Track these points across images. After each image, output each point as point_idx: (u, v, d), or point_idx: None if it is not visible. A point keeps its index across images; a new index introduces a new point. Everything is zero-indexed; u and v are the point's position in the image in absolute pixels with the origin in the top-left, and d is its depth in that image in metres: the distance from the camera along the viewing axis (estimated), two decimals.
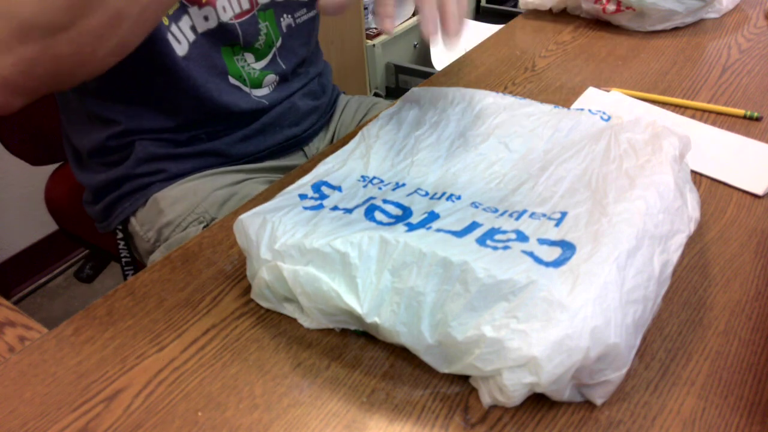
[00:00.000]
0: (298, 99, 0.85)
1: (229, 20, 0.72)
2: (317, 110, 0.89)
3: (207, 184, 0.78)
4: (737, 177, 0.62)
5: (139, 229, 0.81)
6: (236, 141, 0.80)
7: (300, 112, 0.85)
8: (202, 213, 0.76)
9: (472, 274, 0.41)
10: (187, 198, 0.77)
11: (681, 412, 0.42)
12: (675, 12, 0.91)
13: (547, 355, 0.38)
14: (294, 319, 0.50)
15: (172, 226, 0.77)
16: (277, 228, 0.47)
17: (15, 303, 0.82)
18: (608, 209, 0.45)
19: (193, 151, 0.79)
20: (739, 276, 0.52)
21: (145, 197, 0.79)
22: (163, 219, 0.77)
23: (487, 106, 0.62)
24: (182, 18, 0.70)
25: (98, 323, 0.51)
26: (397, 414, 0.43)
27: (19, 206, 1.64)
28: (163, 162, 0.78)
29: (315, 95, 0.89)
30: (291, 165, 0.85)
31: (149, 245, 0.80)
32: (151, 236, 0.79)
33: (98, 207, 0.83)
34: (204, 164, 0.80)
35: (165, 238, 0.78)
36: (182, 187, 0.78)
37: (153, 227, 0.79)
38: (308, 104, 0.86)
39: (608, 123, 0.57)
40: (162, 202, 0.78)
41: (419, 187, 0.52)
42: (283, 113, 0.82)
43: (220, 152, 0.80)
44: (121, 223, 0.82)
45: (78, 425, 0.43)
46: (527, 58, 0.88)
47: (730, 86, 0.78)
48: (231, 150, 0.80)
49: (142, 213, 0.80)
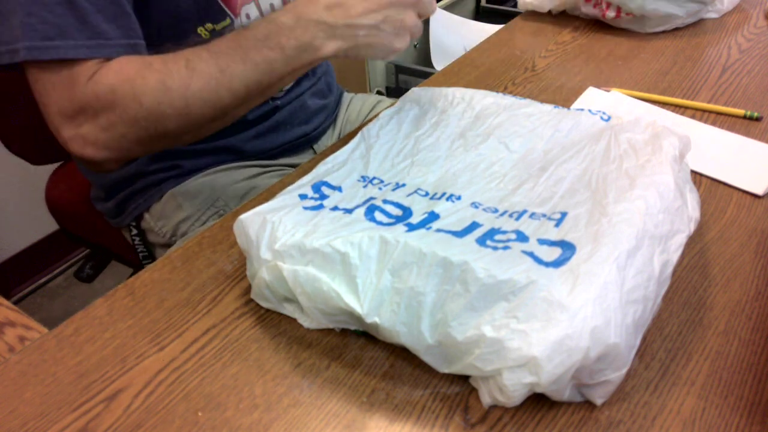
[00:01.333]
0: (308, 98, 0.85)
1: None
2: (325, 109, 0.89)
3: (224, 179, 0.79)
4: (737, 177, 0.62)
5: (153, 225, 0.81)
6: (250, 138, 0.80)
7: (309, 110, 0.86)
8: (222, 206, 0.76)
9: (472, 274, 0.41)
10: (205, 192, 0.78)
11: (681, 412, 0.42)
12: (675, 15, 0.91)
13: (547, 355, 0.38)
14: (294, 319, 0.50)
15: (191, 220, 0.77)
16: (277, 228, 0.47)
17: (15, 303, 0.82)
18: (608, 209, 0.45)
19: (207, 147, 0.79)
20: (739, 276, 0.52)
21: (160, 193, 0.79)
22: (182, 214, 0.78)
23: (487, 106, 0.62)
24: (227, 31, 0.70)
25: (98, 323, 0.51)
26: (397, 414, 0.43)
27: (19, 206, 1.64)
28: (178, 159, 0.78)
29: (322, 94, 0.89)
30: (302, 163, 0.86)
31: (164, 240, 0.80)
32: (166, 231, 0.80)
33: (110, 204, 0.83)
34: (218, 160, 0.80)
35: (183, 233, 0.78)
36: (199, 182, 0.79)
37: (169, 222, 0.79)
38: (317, 103, 0.87)
39: (608, 123, 0.57)
40: (179, 197, 0.78)
41: (419, 188, 0.52)
42: (294, 111, 0.83)
43: (235, 149, 0.80)
44: (134, 219, 0.83)
45: (78, 425, 0.43)
46: (527, 58, 0.88)
47: (730, 86, 0.78)
48: (245, 146, 0.80)
49: (156, 208, 0.80)
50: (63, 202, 1.07)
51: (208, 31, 0.69)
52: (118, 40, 0.59)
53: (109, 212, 0.85)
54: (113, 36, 0.59)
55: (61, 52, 0.56)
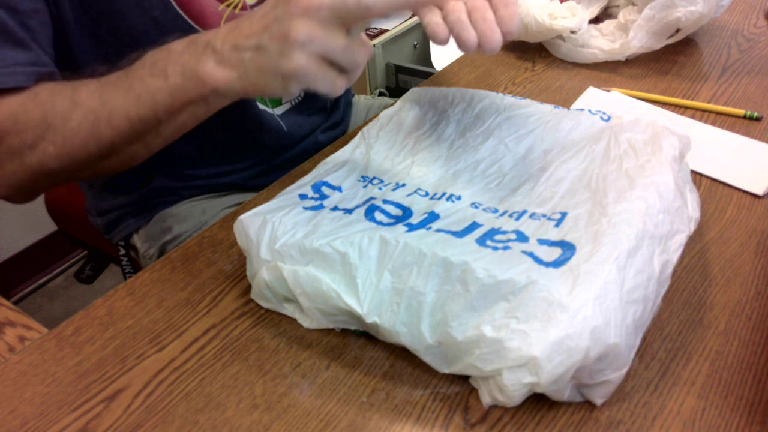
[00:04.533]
0: (320, 133, 0.82)
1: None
2: (336, 139, 0.87)
3: (216, 203, 0.77)
4: (737, 177, 0.62)
5: (140, 246, 0.80)
6: (256, 175, 0.78)
7: (322, 146, 0.82)
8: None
9: (472, 274, 0.41)
10: (195, 216, 0.76)
11: (681, 412, 0.42)
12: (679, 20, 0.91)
13: (547, 355, 0.38)
14: (294, 319, 0.50)
15: (177, 241, 0.76)
16: (277, 228, 0.47)
17: (15, 303, 0.82)
18: (608, 209, 0.45)
19: (210, 183, 0.77)
20: (739, 276, 0.52)
21: (150, 216, 0.78)
22: (168, 235, 0.76)
23: (487, 106, 0.62)
24: None
25: (98, 323, 0.51)
26: (397, 414, 0.43)
27: (19, 206, 1.64)
28: (178, 191, 0.77)
29: (334, 125, 0.85)
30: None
31: (150, 261, 0.79)
32: (152, 253, 0.79)
33: (100, 221, 0.82)
34: (216, 191, 0.78)
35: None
36: (190, 205, 0.77)
37: (155, 244, 0.78)
38: (329, 136, 0.83)
39: (608, 123, 0.57)
40: (169, 219, 0.77)
41: (419, 188, 0.52)
42: (306, 149, 0.79)
43: (238, 185, 0.78)
44: (122, 239, 0.82)
45: (78, 425, 0.43)
46: (527, 58, 0.88)
47: (730, 86, 0.78)
48: (248, 183, 0.78)
49: (145, 230, 0.79)
50: (63, 205, 1.07)
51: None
52: (15, 67, 0.53)
53: (99, 227, 0.84)
54: (10, 63, 0.53)
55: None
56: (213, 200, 0.78)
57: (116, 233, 0.82)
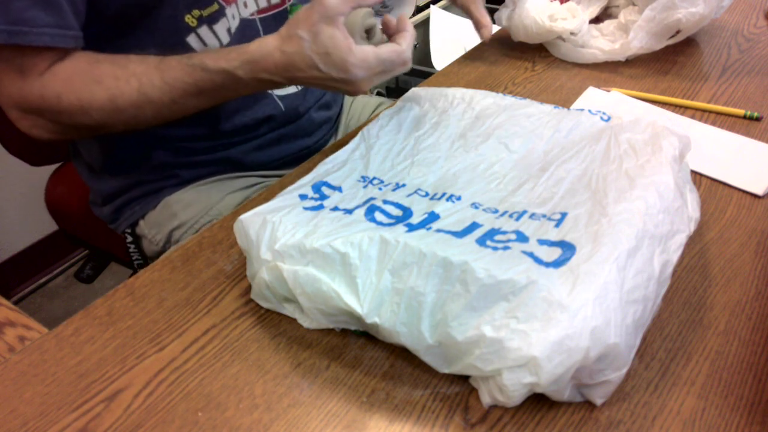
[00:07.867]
0: (314, 111, 0.84)
1: (249, 16, 0.72)
2: (329, 120, 0.88)
3: (221, 188, 0.78)
4: (737, 177, 0.62)
5: (147, 232, 0.80)
6: (251, 150, 0.79)
7: (314, 123, 0.84)
8: (216, 215, 0.76)
9: (472, 275, 0.41)
10: (201, 201, 0.77)
11: (681, 412, 0.42)
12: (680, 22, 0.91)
13: (547, 355, 0.38)
14: (294, 319, 0.50)
15: (185, 227, 0.77)
16: (278, 228, 0.47)
17: (15, 303, 0.82)
18: (608, 209, 0.45)
19: (207, 159, 0.78)
20: (739, 276, 0.52)
21: (156, 201, 0.79)
22: (175, 221, 0.77)
23: (487, 107, 0.62)
24: (220, 20, 0.69)
25: (98, 323, 0.51)
26: (397, 414, 0.43)
27: (19, 206, 1.64)
28: (177, 168, 0.78)
29: (328, 106, 0.88)
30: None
31: (157, 248, 0.80)
32: (159, 239, 0.79)
33: (106, 209, 0.83)
34: (217, 171, 0.79)
35: (176, 240, 0.78)
36: (195, 191, 0.78)
37: (162, 230, 0.79)
38: (322, 115, 0.86)
39: (608, 123, 0.57)
40: (175, 206, 0.78)
41: (419, 188, 0.52)
42: (300, 125, 0.82)
43: (235, 161, 0.79)
44: (129, 225, 0.82)
45: (78, 425, 0.43)
46: (527, 58, 0.88)
47: (730, 86, 0.78)
48: (245, 158, 0.79)
49: (151, 216, 0.80)
50: (63, 204, 1.07)
51: (195, 18, 0.68)
52: (43, 29, 0.58)
53: (105, 217, 0.85)
54: (39, 24, 0.58)
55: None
56: (216, 185, 0.79)
57: (122, 221, 0.82)
